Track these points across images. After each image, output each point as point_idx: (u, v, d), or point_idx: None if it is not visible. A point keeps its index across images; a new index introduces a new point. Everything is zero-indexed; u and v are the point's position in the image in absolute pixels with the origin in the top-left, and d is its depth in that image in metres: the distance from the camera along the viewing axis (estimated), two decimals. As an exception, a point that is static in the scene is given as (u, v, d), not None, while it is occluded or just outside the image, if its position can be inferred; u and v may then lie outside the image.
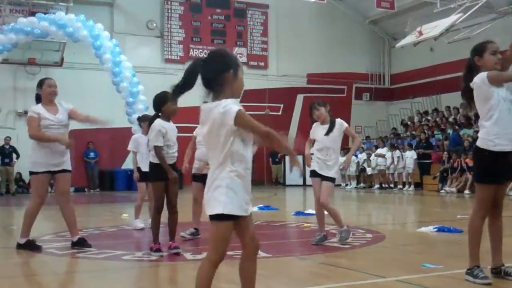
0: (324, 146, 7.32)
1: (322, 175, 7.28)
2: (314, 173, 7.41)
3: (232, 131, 3.37)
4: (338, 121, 7.35)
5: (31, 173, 7.25)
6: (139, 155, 9.28)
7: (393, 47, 28.59)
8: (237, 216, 3.44)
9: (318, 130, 7.45)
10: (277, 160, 26.64)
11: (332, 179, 7.29)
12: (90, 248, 7.18)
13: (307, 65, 28.08)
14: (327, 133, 7.29)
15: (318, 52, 28.11)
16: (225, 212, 3.39)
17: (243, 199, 3.46)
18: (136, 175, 9.31)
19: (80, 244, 7.24)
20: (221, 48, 3.85)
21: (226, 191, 3.39)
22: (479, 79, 4.86)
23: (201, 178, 7.95)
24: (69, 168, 7.36)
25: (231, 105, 3.38)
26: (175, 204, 6.88)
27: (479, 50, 4.98)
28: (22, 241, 7.17)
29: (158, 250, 6.66)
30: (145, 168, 8.19)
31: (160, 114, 6.84)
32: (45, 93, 7.31)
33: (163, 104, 6.79)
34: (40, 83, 7.42)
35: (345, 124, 7.38)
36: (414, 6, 24.94)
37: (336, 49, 28.50)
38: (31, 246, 7.14)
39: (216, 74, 3.46)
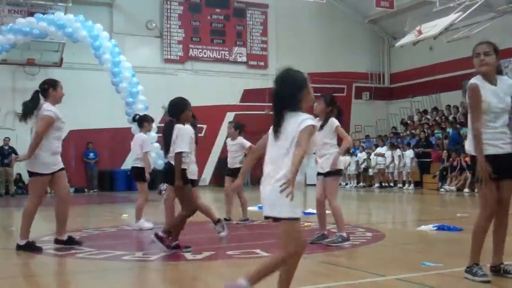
0: (319, 142, 7.34)
1: (323, 173, 7.30)
2: (317, 172, 7.44)
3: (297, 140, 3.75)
4: (332, 119, 7.31)
5: (35, 174, 7.19)
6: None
7: (392, 46, 28.57)
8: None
9: None
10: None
11: (333, 173, 7.27)
12: (80, 246, 7.26)
13: (307, 64, 27.84)
14: (320, 128, 7.31)
15: (317, 52, 28.09)
16: (296, 216, 3.81)
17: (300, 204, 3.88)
18: (148, 176, 9.33)
19: (71, 243, 7.28)
20: (288, 69, 4.07)
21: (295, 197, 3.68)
22: (468, 84, 4.95)
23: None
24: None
25: (309, 119, 3.79)
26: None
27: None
28: (22, 242, 7.15)
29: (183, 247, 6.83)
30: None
31: (175, 119, 6.89)
32: (59, 95, 7.41)
33: (183, 110, 6.86)
34: (54, 84, 7.41)
35: (336, 123, 7.26)
36: (414, 5, 24.94)
37: (335, 48, 28.50)
38: (31, 248, 7.11)
39: (292, 95, 3.87)
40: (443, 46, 23.77)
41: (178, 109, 6.86)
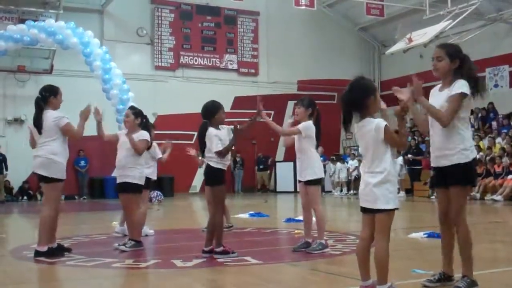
0: (296, 147, 7.34)
1: (304, 180, 7.30)
2: (298, 180, 7.45)
3: (382, 141, 4.42)
4: (307, 124, 7.27)
5: (55, 180, 7.16)
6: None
7: (383, 54, 28.68)
8: None
9: None
10: (262, 167, 26.65)
11: (312, 182, 7.25)
12: (69, 253, 7.29)
13: (298, 72, 28.12)
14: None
15: (308, 59, 28.17)
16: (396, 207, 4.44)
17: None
18: None
19: (61, 250, 7.28)
20: (360, 78, 4.75)
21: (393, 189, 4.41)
22: None
23: None
24: None
25: (381, 122, 4.51)
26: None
27: None
28: (43, 249, 7.05)
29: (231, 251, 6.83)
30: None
31: (208, 122, 7.02)
32: (58, 103, 7.52)
33: (216, 113, 7.03)
34: (55, 92, 7.49)
35: (309, 131, 7.19)
36: (404, 13, 25.05)
37: (326, 56, 28.56)
38: (56, 252, 7.11)
39: (360, 100, 4.52)
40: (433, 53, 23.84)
41: (211, 112, 7.02)
